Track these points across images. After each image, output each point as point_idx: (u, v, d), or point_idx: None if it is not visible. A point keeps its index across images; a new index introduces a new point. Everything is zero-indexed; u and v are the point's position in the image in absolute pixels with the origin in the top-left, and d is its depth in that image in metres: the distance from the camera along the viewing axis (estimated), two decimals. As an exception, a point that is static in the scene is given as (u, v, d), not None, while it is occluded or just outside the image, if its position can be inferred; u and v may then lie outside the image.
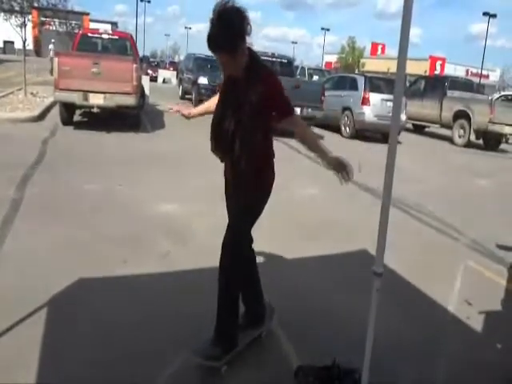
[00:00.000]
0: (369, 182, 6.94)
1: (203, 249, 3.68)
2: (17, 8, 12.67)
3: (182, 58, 34.63)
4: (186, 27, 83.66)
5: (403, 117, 11.91)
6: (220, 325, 2.44)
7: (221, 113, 2.35)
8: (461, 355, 2.82)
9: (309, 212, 5.42)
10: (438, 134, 15.18)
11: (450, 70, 52.41)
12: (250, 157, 2.30)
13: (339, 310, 3.21)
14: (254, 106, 2.21)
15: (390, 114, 2.23)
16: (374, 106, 11.80)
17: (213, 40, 2.14)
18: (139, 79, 9.57)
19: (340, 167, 2.46)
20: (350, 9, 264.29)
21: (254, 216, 2.49)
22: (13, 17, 12.75)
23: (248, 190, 2.41)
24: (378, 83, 12.58)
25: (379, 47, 65.98)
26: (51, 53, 20.53)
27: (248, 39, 2.20)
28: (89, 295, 3.05)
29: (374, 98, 11.88)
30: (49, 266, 3.38)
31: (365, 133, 12.23)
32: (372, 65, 54.41)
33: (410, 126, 15.42)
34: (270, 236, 4.41)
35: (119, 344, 2.54)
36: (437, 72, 50.07)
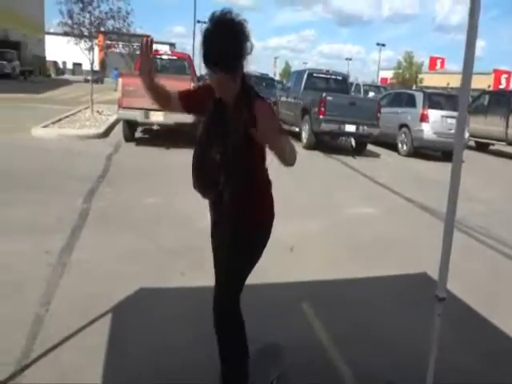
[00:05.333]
0: (426, 201, 6.72)
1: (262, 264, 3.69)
2: (86, 33, 13.56)
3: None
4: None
5: (466, 134, 11.43)
6: None
7: (205, 142, 2.00)
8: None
9: (363, 231, 5.30)
10: (504, 153, 14.40)
11: (516, 84, 49.85)
12: (238, 191, 1.97)
13: (396, 332, 3.10)
14: (246, 133, 1.83)
15: (451, 131, 2.17)
16: (434, 123, 11.43)
17: (209, 57, 1.81)
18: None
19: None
20: (407, 23, 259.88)
21: (246, 265, 2.10)
22: (82, 41, 13.65)
23: (237, 230, 2.04)
24: (437, 99, 12.19)
25: (438, 61, 64.07)
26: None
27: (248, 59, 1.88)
28: (149, 304, 3.15)
29: (434, 114, 11.51)
30: (112, 274, 3.56)
31: (423, 151, 11.86)
32: (430, 80, 52.89)
33: (472, 143, 14.76)
34: (323, 256, 4.37)
35: (177, 356, 2.59)
36: (502, 86, 47.77)
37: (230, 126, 1.93)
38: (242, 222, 2.04)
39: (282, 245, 4.40)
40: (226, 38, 1.79)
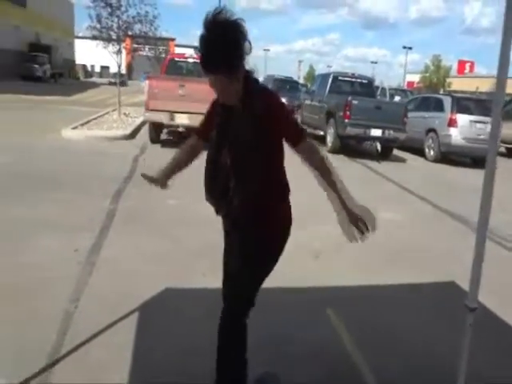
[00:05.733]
0: (454, 208, 6.59)
1: (287, 268, 3.68)
2: (114, 37, 13.85)
3: (260, 79, 35.53)
4: (264, 49, 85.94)
5: (495, 139, 11.14)
6: None
7: (216, 149, 1.94)
8: None
9: (389, 237, 5.22)
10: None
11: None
12: (248, 197, 1.87)
13: (423, 341, 3.04)
14: (255, 136, 1.81)
15: (480, 137, 2.12)
16: (462, 128, 11.20)
17: (207, 60, 1.76)
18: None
19: (363, 219, 2.00)
20: (435, 26, 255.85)
21: (257, 277, 2.03)
22: (110, 45, 13.94)
23: (248, 240, 1.96)
24: (466, 104, 11.94)
25: (467, 65, 62.92)
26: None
27: (247, 59, 1.83)
28: (174, 304, 3.19)
29: (462, 119, 11.28)
30: (138, 273, 3.62)
31: (451, 156, 11.63)
32: (459, 84, 51.95)
33: (502, 149, 14.40)
34: (348, 261, 4.33)
35: (202, 356, 2.60)
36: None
37: (238, 129, 1.85)
38: (252, 231, 1.95)
39: (307, 250, 4.38)
40: (219, 42, 1.71)
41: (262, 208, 1.91)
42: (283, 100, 2.07)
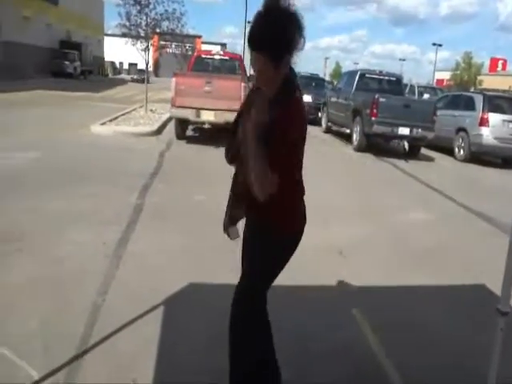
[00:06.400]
0: (484, 209, 6.42)
1: (312, 266, 3.67)
2: (142, 34, 14.03)
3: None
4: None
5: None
6: None
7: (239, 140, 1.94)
8: None
9: (416, 237, 5.14)
10: None
11: None
12: (262, 189, 1.80)
13: (451, 344, 2.98)
14: (267, 133, 1.74)
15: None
16: (494, 128, 10.89)
17: (256, 34, 1.74)
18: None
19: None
20: (467, 22, 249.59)
21: (272, 267, 2.02)
22: (138, 42, 14.13)
23: (258, 239, 2.01)
24: (498, 102, 11.59)
25: (499, 63, 61.09)
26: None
27: (296, 56, 1.77)
28: (199, 299, 3.21)
29: (494, 118, 10.97)
30: (164, 268, 3.66)
31: (482, 156, 11.33)
32: (491, 82, 50.48)
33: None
34: (374, 261, 4.28)
35: (224, 349, 2.62)
36: None
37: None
38: (266, 228, 1.95)
39: (332, 248, 4.35)
40: (273, 23, 1.70)
41: (278, 206, 1.88)
42: (308, 98, 2.02)
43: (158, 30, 15.15)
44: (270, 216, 1.92)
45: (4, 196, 5.04)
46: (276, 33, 1.70)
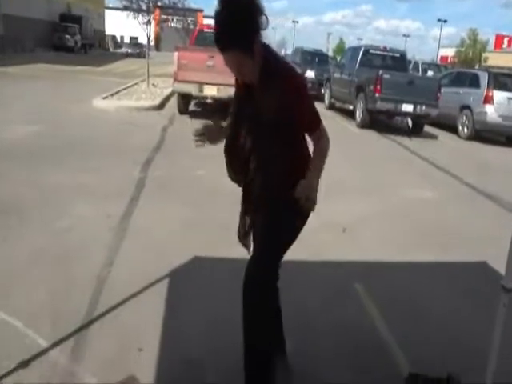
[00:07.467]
0: (488, 187, 6.41)
1: (315, 243, 3.68)
2: (144, 7, 13.77)
3: (288, 52, 34.88)
4: (293, 21, 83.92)
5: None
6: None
7: (235, 130, 1.96)
8: None
9: (420, 215, 5.14)
10: None
11: None
12: (269, 177, 1.89)
13: (453, 320, 3.02)
14: (273, 117, 1.79)
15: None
16: (499, 106, 10.77)
17: (221, 35, 1.72)
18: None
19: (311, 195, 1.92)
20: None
21: (284, 241, 2.00)
22: (140, 15, 13.88)
23: (272, 210, 1.97)
24: (503, 80, 11.43)
25: (505, 40, 60.05)
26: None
27: (263, 34, 1.77)
28: (203, 272, 3.24)
29: (499, 96, 10.84)
30: (168, 242, 3.67)
31: (485, 134, 11.24)
32: (496, 59, 49.69)
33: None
34: (378, 237, 4.30)
35: (231, 325, 2.65)
36: None
37: (257, 110, 1.82)
38: (275, 206, 1.94)
39: (335, 225, 4.36)
40: (232, 18, 1.67)
41: (284, 187, 1.89)
42: (311, 74, 2.07)
43: (159, 4, 14.87)
44: (287, 200, 1.89)
45: (4, 169, 5.03)
46: (241, 26, 1.68)
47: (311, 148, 1.99)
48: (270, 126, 1.82)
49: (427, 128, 11.54)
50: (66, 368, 2.20)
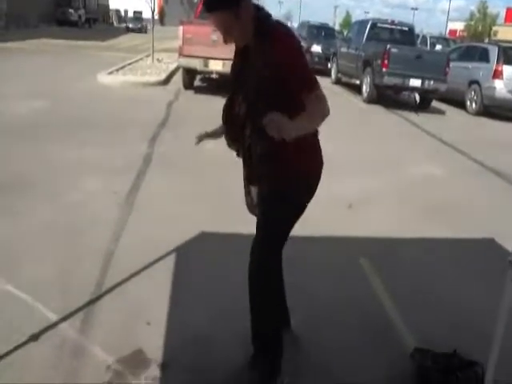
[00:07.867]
0: (496, 163, 6.35)
1: (321, 218, 3.67)
2: (148, -22, 13.47)
3: (294, 25, 34.17)
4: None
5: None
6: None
7: (231, 95, 1.95)
8: None
9: (428, 192, 5.11)
10: None
11: None
12: (266, 145, 1.80)
13: (459, 297, 3.03)
14: (268, 81, 1.74)
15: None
16: (508, 80, 10.54)
17: None
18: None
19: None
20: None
21: (279, 223, 1.94)
22: (144, -13, 13.60)
23: (268, 188, 1.94)
24: (514, 54, 11.18)
25: (516, 13, 58.42)
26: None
27: None
28: (210, 247, 3.25)
29: (509, 71, 10.60)
30: (175, 216, 3.68)
31: (494, 110, 11.06)
32: (506, 33, 48.50)
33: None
34: (384, 214, 4.28)
35: (238, 300, 2.67)
36: None
37: (251, 76, 1.80)
38: (273, 180, 1.91)
39: (341, 201, 4.34)
40: None
41: (283, 156, 1.84)
42: (318, 48, 1.98)
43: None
44: (294, 160, 1.86)
45: (12, 144, 5.03)
46: None
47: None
48: (263, 87, 1.76)
49: (435, 103, 11.37)
50: (76, 341, 2.23)
